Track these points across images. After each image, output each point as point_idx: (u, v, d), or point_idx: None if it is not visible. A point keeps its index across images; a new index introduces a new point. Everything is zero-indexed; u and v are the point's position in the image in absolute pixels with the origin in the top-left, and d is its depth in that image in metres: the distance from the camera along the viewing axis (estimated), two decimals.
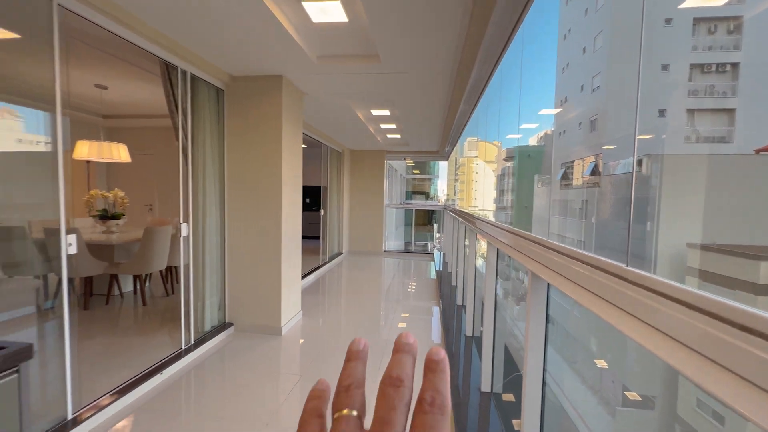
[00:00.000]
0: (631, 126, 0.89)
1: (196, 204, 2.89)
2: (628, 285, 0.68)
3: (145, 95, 4.17)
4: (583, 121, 6.94)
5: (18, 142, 4.25)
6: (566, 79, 7.31)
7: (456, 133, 5.40)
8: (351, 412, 0.20)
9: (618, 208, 5.12)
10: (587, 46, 6.14)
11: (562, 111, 7.05)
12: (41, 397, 1.93)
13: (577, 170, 6.65)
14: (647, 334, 0.61)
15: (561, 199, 6.83)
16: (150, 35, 2.19)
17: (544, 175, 7.80)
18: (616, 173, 5.64)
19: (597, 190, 5.71)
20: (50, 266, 3.13)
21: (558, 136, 7.99)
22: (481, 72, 2.64)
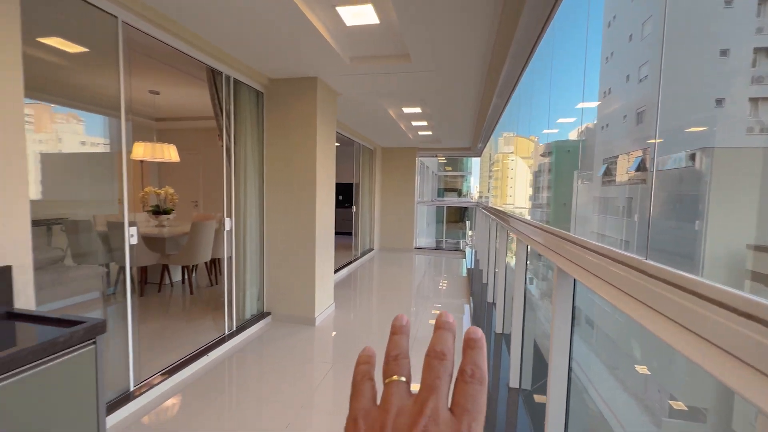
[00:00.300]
0: (683, 118, 0.84)
1: (238, 200, 3.09)
2: (646, 277, 0.70)
3: (193, 99, 4.48)
4: (628, 114, 6.53)
5: (81, 144, 4.72)
6: (610, 70, 6.90)
7: (489, 129, 5.33)
8: (400, 378, 0.23)
9: (667, 206, 4.79)
10: (634, 33, 5.78)
11: (605, 103, 6.69)
12: (108, 370, 2.18)
13: (622, 166, 6.28)
14: (665, 327, 0.64)
15: (603, 197, 6.49)
16: (199, 44, 2.38)
17: (584, 171, 7.43)
18: (665, 168, 5.27)
19: (644, 187, 5.37)
20: (112, 256, 3.48)
21: (600, 130, 7.57)
22: (514, 65, 2.61)
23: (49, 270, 3.30)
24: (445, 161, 13.46)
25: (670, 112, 5.22)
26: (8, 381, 0.99)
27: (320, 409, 2.12)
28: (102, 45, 2.16)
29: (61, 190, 4.15)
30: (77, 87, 3.78)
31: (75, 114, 4.59)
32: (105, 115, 4.45)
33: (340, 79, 3.26)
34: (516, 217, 2.72)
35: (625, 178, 5.93)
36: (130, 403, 2.01)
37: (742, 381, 0.44)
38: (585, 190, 7.40)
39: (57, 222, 3.75)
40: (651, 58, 5.81)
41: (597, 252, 0.92)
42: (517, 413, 2.00)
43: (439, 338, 0.23)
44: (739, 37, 3.74)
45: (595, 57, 6.29)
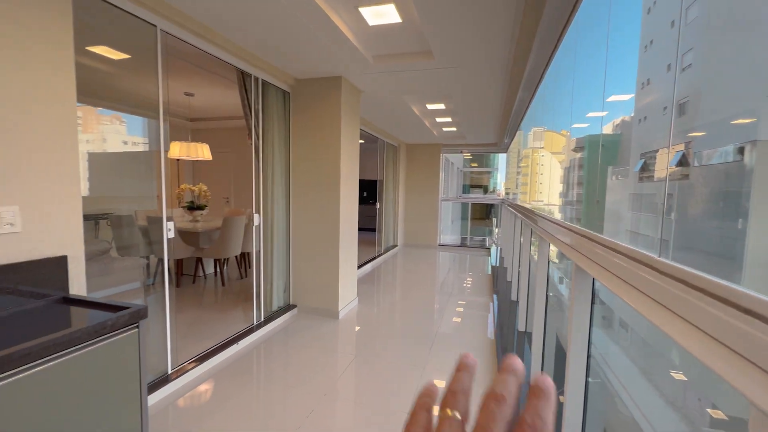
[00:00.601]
0: (730, 109, 0.77)
1: (266, 197, 3.22)
2: (658, 275, 0.70)
3: (224, 100, 4.68)
4: (669, 105, 6.15)
5: (123, 144, 5.05)
6: (649, 59, 6.50)
7: (514, 124, 5.22)
8: (455, 413, 0.22)
9: (711, 204, 4.48)
10: (677, 19, 5.44)
11: (644, 94, 6.33)
12: (148, 354, 2.36)
13: (661, 161, 5.95)
14: (677, 325, 0.64)
15: (640, 194, 6.18)
16: (230, 49, 2.49)
17: (619, 166, 7.11)
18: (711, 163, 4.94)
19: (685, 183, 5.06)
20: (151, 249, 3.72)
21: (637, 123, 7.18)
22: (540, 57, 2.56)
23: (97, 261, 3.58)
24: (470, 157, 13.27)
25: (715, 103, 4.88)
26: (65, 358, 1.11)
27: (343, 397, 2.20)
28: (142, 52, 2.31)
29: (105, 186, 4.47)
30: (120, 90, 4.05)
31: (118, 116, 4.91)
32: (145, 116, 4.74)
33: (363, 78, 3.32)
34: (539, 214, 2.68)
35: (664, 173, 5.62)
36: (168, 385, 2.17)
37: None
38: (620, 186, 7.08)
39: (103, 216, 4.05)
40: (696, 45, 5.45)
41: (622, 253, 0.92)
42: None
43: (501, 381, 0.22)
44: None
45: (632, 46, 5.98)
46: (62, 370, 1.10)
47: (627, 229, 6.33)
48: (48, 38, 1.41)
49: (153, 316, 2.32)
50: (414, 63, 2.86)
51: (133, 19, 1.90)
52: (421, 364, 2.64)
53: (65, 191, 1.49)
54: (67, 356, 1.12)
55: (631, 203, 6.41)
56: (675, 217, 5.22)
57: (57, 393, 1.09)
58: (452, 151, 8.39)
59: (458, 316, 3.74)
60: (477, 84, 3.48)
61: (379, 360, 2.68)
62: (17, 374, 0.99)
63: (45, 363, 1.05)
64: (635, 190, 6.27)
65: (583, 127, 5.78)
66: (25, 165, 1.36)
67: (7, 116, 1.31)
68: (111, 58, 2.87)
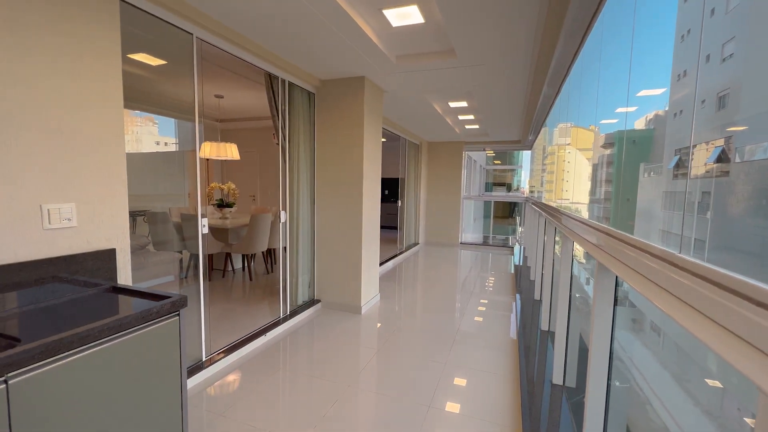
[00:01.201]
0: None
1: (292, 195, 3.34)
2: (679, 271, 0.71)
3: (252, 101, 4.85)
4: (708, 98, 5.87)
5: (155, 144, 5.32)
6: (687, 49, 6.21)
7: (539, 121, 5.13)
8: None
9: (752, 202, 4.24)
10: (717, 7, 5.20)
11: (680, 87, 6.05)
12: (186, 341, 2.52)
13: (698, 157, 5.68)
14: (698, 321, 0.65)
15: (674, 191, 5.92)
16: (260, 53, 2.60)
17: (652, 163, 6.82)
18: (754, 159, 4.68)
19: (723, 180, 4.81)
20: (184, 244, 3.92)
21: (672, 118, 6.86)
22: (566, 51, 2.51)
23: (136, 254, 3.81)
24: (493, 155, 13.07)
25: (758, 96, 4.63)
26: (116, 341, 1.23)
27: (365, 388, 2.27)
28: (179, 58, 2.46)
29: (140, 185, 4.73)
30: (157, 94, 4.28)
31: (151, 117, 5.18)
32: (180, 119, 4.98)
33: (386, 78, 3.36)
34: (564, 212, 2.65)
35: (702, 170, 5.37)
36: (202, 372, 2.31)
37: None
38: (652, 183, 6.79)
39: (140, 213, 4.30)
40: (738, 34, 5.17)
41: (648, 252, 0.92)
42: (560, 409, 1.99)
43: None
44: None
45: (666, 36, 5.71)
46: (114, 353, 1.22)
47: (660, 229, 6.08)
48: (99, 50, 1.54)
49: (188, 307, 2.47)
50: (437, 62, 2.88)
51: (172, 28, 2.03)
52: (441, 360, 2.67)
53: (114, 189, 1.62)
54: (117, 340, 1.23)
55: (664, 201, 6.14)
56: (711, 216, 4.98)
57: (108, 373, 1.20)
58: (475, 149, 8.31)
59: (480, 315, 3.73)
60: (500, 81, 3.46)
61: (400, 355, 2.73)
62: (75, 355, 1.11)
63: (98, 345, 1.17)
64: (670, 187, 6.00)
65: (612, 123, 5.59)
66: (80, 165, 1.50)
67: (64, 121, 1.44)
68: (150, 65, 3.06)
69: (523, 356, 2.67)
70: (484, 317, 3.65)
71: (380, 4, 2.12)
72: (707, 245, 4.28)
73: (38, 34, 1.34)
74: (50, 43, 1.38)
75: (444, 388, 2.32)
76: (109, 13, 1.57)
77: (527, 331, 3.15)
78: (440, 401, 2.17)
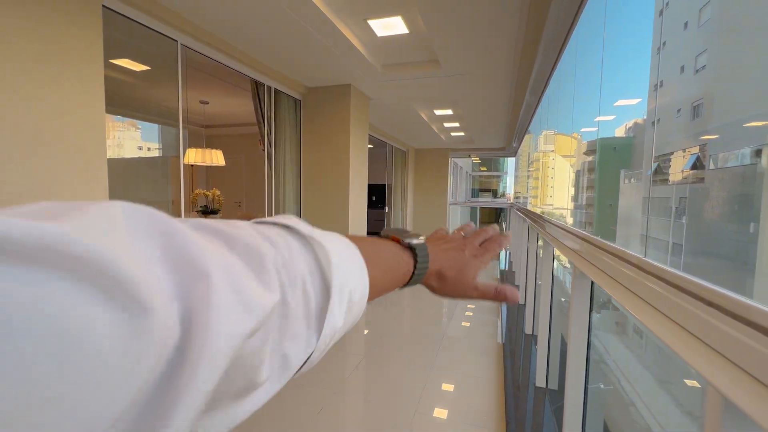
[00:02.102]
0: (747, 110, 0.76)
1: (278, 201, 3.32)
2: (644, 274, 0.75)
3: (238, 108, 4.83)
4: (683, 108, 6.04)
5: (138, 150, 5.23)
6: (662, 61, 6.42)
7: (522, 128, 5.25)
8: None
9: (726, 208, 4.35)
10: (690, 21, 5.38)
11: (656, 97, 6.25)
12: None
13: (675, 164, 5.85)
14: (661, 323, 0.69)
15: (653, 197, 6.08)
16: (246, 60, 2.61)
17: (632, 169, 7.01)
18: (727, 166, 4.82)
19: (699, 186, 4.95)
20: None
21: (650, 126, 7.07)
22: (545, 62, 2.60)
23: None
24: (479, 161, 13.28)
25: (729, 106, 4.76)
26: None
27: (351, 395, 2.26)
28: (163, 64, 2.44)
29: (121, 191, 4.63)
30: (139, 100, 4.23)
31: (133, 122, 5.10)
32: (164, 124, 4.91)
33: (372, 86, 3.41)
34: (547, 219, 2.71)
35: (678, 177, 5.52)
36: None
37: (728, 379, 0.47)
38: (633, 189, 6.98)
39: None
40: (710, 46, 5.35)
41: (623, 259, 0.97)
42: (543, 411, 2.02)
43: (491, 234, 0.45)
44: None
45: (642, 48, 5.92)
46: None
47: (640, 233, 6.23)
48: (81, 55, 1.53)
49: None
50: (421, 71, 2.94)
51: (156, 34, 2.02)
52: (428, 365, 2.69)
53: (94, 196, 1.60)
54: None
55: (644, 207, 6.29)
56: (686, 221, 5.15)
57: None
58: (461, 156, 8.44)
59: (466, 320, 3.77)
60: (484, 90, 3.54)
61: (387, 361, 2.74)
62: None
63: None
64: (650, 193, 6.15)
65: (593, 131, 5.75)
66: (59, 171, 1.48)
67: (43, 127, 1.42)
68: (133, 70, 3.02)
69: (508, 360, 2.71)
70: (470, 322, 3.69)
71: (365, 15, 2.16)
72: (684, 249, 4.37)
73: (19, 39, 1.33)
74: (31, 48, 1.36)
75: (430, 393, 2.33)
76: (91, 20, 1.56)
77: (512, 335, 3.19)
78: (427, 406, 2.18)
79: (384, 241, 0.35)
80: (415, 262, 0.36)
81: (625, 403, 3.34)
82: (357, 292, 0.26)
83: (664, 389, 3.99)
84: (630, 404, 3.34)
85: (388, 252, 0.34)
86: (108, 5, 1.67)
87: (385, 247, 0.34)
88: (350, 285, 0.25)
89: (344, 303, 0.24)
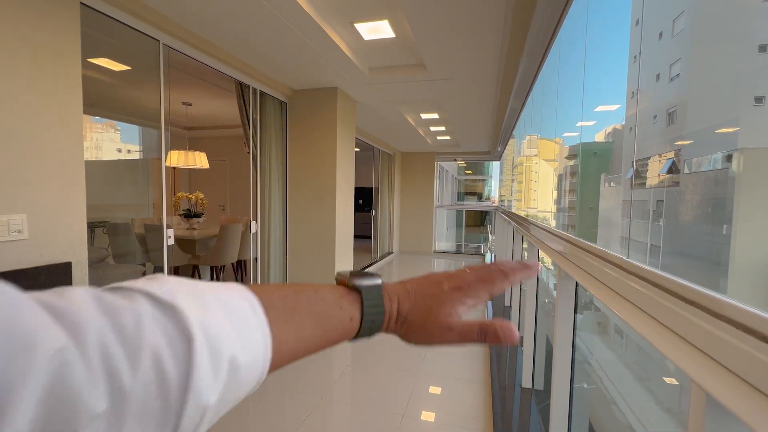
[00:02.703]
0: (718, 117, 0.80)
1: (263, 204, 3.28)
2: (627, 275, 0.77)
3: (222, 109, 4.76)
4: (659, 114, 6.31)
5: (117, 152, 5.08)
6: (638, 69, 6.69)
7: (507, 132, 5.34)
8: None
9: (700, 210, 4.53)
10: (664, 31, 5.62)
11: (634, 103, 6.50)
12: None
13: (652, 168, 6.08)
14: (644, 321, 0.70)
15: (632, 200, 6.28)
16: (230, 62, 2.57)
17: (612, 173, 7.23)
18: (701, 171, 5.03)
19: (675, 190, 5.14)
20: (149, 256, 3.74)
21: (629, 131, 7.33)
22: (529, 68, 2.65)
23: (94, 268, 3.59)
24: (464, 165, 13.44)
25: (702, 112, 4.97)
26: None
27: (338, 401, 2.24)
28: (144, 64, 2.39)
29: (100, 194, 4.49)
30: (119, 101, 4.11)
31: (112, 123, 4.96)
32: (145, 126, 4.79)
33: (359, 89, 3.41)
34: (531, 221, 2.76)
35: (655, 180, 5.73)
36: None
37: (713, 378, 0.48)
38: (612, 193, 7.19)
39: (99, 224, 4.07)
40: (683, 56, 5.60)
41: (605, 259, 0.99)
42: (529, 412, 2.05)
43: (506, 270, 0.35)
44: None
45: (620, 56, 6.13)
46: None
47: (620, 236, 6.40)
48: (57, 53, 1.48)
49: None
50: (408, 75, 2.96)
51: (137, 33, 1.97)
52: (415, 369, 2.69)
53: (71, 199, 1.54)
54: None
55: (624, 210, 6.47)
56: (664, 223, 5.30)
57: None
58: (446, 159, 8.51)
59: None
60: (469, 94, 3.59)
61: (374, 366, 2.72)
62: None
63: None
64: (629, 196, 6.32)
65: (575, 135, 5.89)
66: (34, 174, 1.42)
67: (17, 127, 1.36)
68: (112, 70, 2.94)
69: (494, 362, 2.73)
70: None
71: (352, 18, 2.16)
72: (661, 250, 4.50)
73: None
74: (5, 45, 1.31)
75: (418, 397, 2.32)
76: (69, 17, 1.51)
77: None
78: (414, 410, 2.17)
79: (324, 287, 0.30)
80: (362, 306, 0.30)
81: (608, 401, 3.40)
82: (247, 356, 0.22)
83: (644, 387, 4.10)
84: (612, 402, 3.40)
85: (322, 300, 0.29)
86: (86, 2, 1.62)
87: (322, 293, 0.29)
88: (232, 350, 0.21)
89: (221, 373, 0.21)
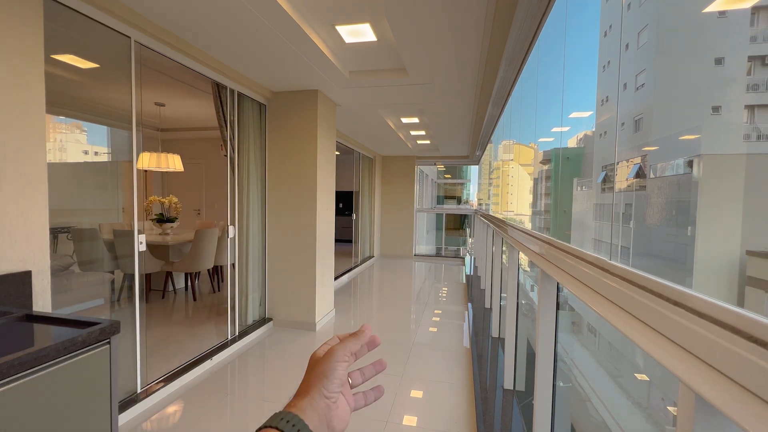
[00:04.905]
0: (680, 125, 0.87)
1: (241, 208, 3.19)
2: (610, 276, 0.78)
3: (197, 110, 4.61)
4: (626, 121, 6.61)
5: (84, 154, 4.84)
6: (608, 78, 7.00)
7: (485, 137, 5.44)
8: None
9: (664, 213, 4.78)
10: (630, 42, 5.90)
11: (603, 111, 6.79)
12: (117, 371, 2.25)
13: (621, 173, 6.35)
14: (627, 322, 0.72)
15: (602, 203, 6.54)
16: (206, 61, 2.50)
17: (584, 178, 7.51)
18: (665, 175, 5.29)
19: (642, 194, 5.39)
20: (117, 263, 3.56)
21: (599, 137, 7.65)
22: (507, 76, 2.72)
23: (57, 276, 3.38)
24: (444, 169, 13.60)
25: (666, 120, 5.26)
26: (31, 377, 1.07)
27: None
28: (114, 62, 2.28)
29: (65, 198, 4.25)
30: (87, 100, 3.91)
31: (78, 124, 4.71)
32: (115, 127, 4.58)
33: (339, 92, 3.38)
34: (510, 224, 2.81)
35: (624, 184, 5.99)
36: (138, 404, 2.08)
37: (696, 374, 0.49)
38: (584, 197, 7.46)
39: (63, 230, 3.85)
40: (647, 67, 5.90)
41: (583, 258, 1.01)
42: (512, 413, 2.07)
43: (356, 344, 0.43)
44: (734, 46, 3.82)
45: (591, 66, 6.41)
46: (29, 390, 1.06)
47: (593, 238, 6.64)
48: (18, 49, 1.38)
49: (121, 334, 2.23)
50: (389, 79, 2.96)
51: (106, 29, 1.88)
52: (398, 373, 2.67)
53: (31, 203, 1.44)
54: (33, 376, 1.07)
55: (595, 213, 6.73)
56: (633, 226, 5.55)
57: (25, 413, 1.04)
58: (426, 163, 8.59)
59: (434, 325, 3.80)
60: (449, 99, 3.63)
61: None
62: None
63: (8, 384, 1.01)
64: (599, 200, 6.60)
65: (549, 141, 6.08)
66: None
67: None
68: (78, 67, 2.79)
69: (476, 364, 2.75)
70: (438, 327, 3.72)
71: (333, 20, 2.14)
72: (631, 252, 4.68)
73: None
74: None
75: (401, 401, 2.31)
76: (31, 10, 1.42)
77: (479, 338, 3.25)
78: (398, 415, 2.15)
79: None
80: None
81: (582, 398, 3.49)
82: None
83: (617, 383, 4.25)
84: (587, 399, 3.50)
85: None
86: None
87: None
88: None
89: None
